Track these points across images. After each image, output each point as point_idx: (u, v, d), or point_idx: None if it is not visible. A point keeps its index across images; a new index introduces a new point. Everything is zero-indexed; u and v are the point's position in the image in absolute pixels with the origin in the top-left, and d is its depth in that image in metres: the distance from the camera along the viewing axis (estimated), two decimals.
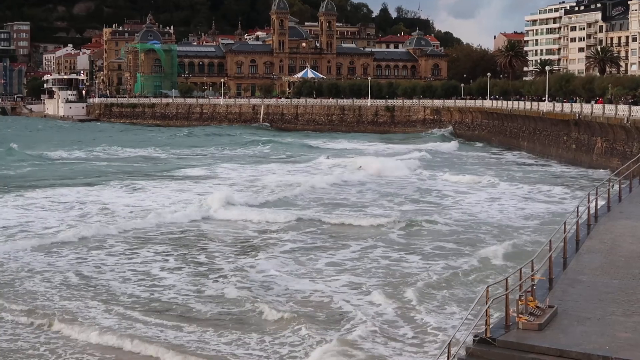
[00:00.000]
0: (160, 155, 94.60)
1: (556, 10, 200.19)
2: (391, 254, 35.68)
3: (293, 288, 29.62)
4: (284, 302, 27.67)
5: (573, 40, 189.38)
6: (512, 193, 56.36)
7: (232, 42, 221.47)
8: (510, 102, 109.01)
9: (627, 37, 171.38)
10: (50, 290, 29.26)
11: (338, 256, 35.48)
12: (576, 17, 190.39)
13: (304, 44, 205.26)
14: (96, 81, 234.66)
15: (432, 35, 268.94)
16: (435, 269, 32.13)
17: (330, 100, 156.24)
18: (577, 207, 23.68)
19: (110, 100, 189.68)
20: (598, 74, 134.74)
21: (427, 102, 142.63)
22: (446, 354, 13.73)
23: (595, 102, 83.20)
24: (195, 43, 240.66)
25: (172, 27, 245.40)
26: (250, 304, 27.26)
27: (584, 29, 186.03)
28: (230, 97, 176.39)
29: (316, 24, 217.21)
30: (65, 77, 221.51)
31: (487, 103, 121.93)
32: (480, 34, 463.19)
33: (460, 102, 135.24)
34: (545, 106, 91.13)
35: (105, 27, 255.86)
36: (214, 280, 30.98)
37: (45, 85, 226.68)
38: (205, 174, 70.22)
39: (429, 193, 57.14)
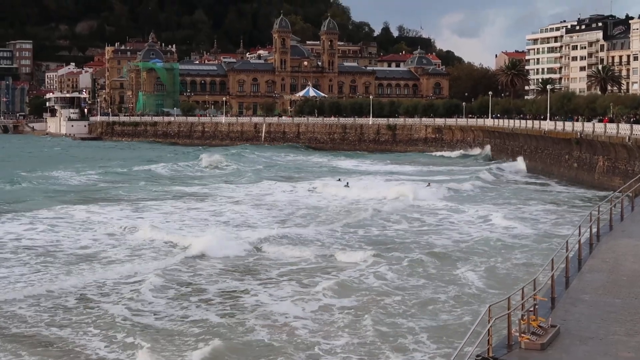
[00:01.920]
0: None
1: (557, 29, 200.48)
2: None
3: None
4: None
5: (574, 59, 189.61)
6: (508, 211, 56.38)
7: (234, 60, 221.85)
8: (511, 121, 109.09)
9: (628, 56, 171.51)
10: None
11: None
12: (577, 36, 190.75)
13: (305, 63, 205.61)
14: (98, 99, 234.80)
15: (434, 54, 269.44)
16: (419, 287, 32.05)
17: (332, 118, 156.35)
18: (579, 226, 23.66)
19: (112, 118, 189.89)
20: (599, 92, 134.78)
21: (429, 120, 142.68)
22: None
23: (600, 122, 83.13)
24: (197, 61, 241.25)
25: (174, 45, 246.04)
26: None
27: (585, 47, 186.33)
28: (232, 116, 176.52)
29: (318, 42, 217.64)
30: (68, 95, 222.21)
31: (489, 122, 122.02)
32: (482, 52, 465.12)
33: (462, 121, 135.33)
34: (547, 125, 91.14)
35: (108, 46, 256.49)
36: None
37: (47, 104, 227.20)
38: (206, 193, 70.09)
39: None
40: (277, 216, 55.03)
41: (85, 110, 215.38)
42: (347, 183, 75.74)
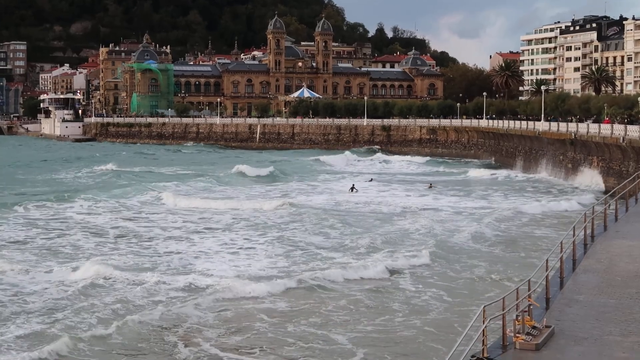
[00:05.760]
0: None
1: (551, 30, 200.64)
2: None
3: None
4: None
5: (568, 59, 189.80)
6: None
7: (229, 61, 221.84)
8: (506, 122, 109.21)
9: (622, 57, 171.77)
10: None
11: None
12: (571, 36, 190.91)
13: (300, 64, 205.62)
14: (92, 101, 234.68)
15: (428, 55, 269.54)
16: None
17: (327, 119, 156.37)
18: (574, 227, 23.67)
19: (106, 119, 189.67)
20: (593, 93, 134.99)
21: (423, 121, 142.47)
22: None
23: (595, 122, 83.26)
24: (191, 62, 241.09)
25: (168, 46, 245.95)
26: None
27: (579, 48, 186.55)
28: (226, 117, 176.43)
29: (312, 43, 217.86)
30: (62, 96, 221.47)
31: (483, 123, 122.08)
32: (477, 53, 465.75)
33: (456, 122, 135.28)
34: (541, 125, 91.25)
35: (102, 47, 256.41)
36: None
37: (41, 105, 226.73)
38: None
39: None
40: None
41: (80, 111, 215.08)
42: (353, 186, 70.78)
